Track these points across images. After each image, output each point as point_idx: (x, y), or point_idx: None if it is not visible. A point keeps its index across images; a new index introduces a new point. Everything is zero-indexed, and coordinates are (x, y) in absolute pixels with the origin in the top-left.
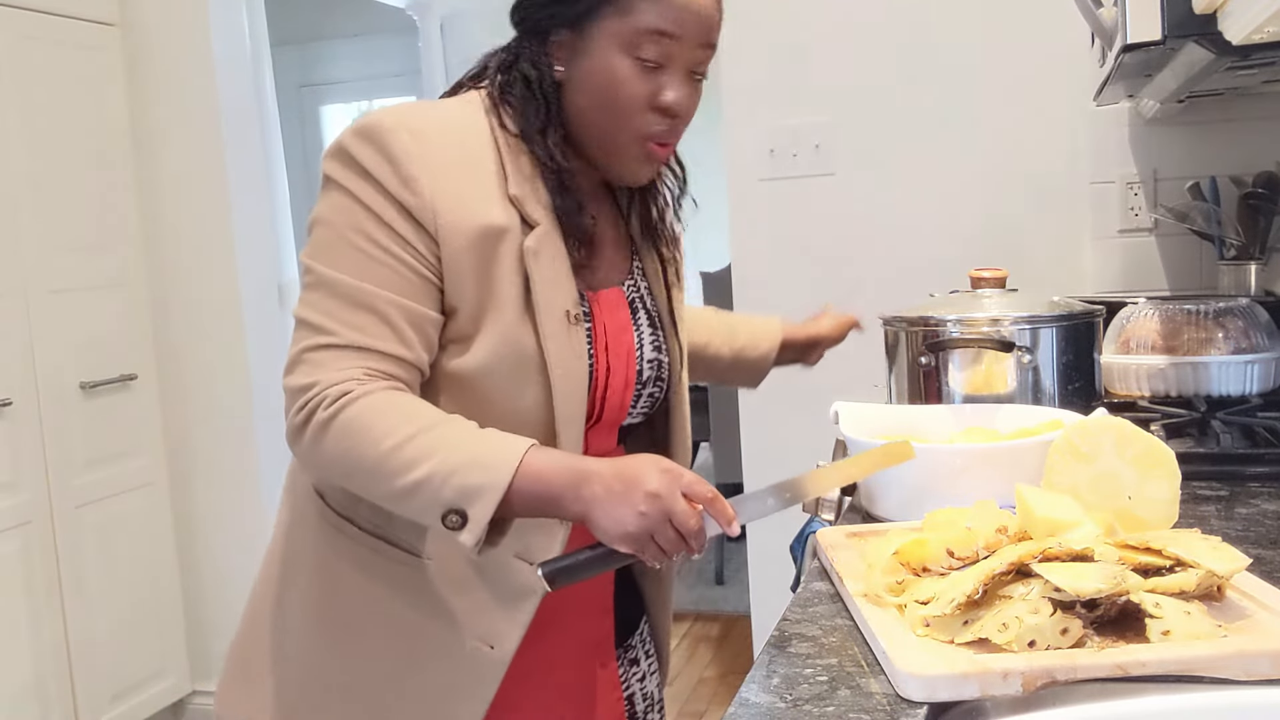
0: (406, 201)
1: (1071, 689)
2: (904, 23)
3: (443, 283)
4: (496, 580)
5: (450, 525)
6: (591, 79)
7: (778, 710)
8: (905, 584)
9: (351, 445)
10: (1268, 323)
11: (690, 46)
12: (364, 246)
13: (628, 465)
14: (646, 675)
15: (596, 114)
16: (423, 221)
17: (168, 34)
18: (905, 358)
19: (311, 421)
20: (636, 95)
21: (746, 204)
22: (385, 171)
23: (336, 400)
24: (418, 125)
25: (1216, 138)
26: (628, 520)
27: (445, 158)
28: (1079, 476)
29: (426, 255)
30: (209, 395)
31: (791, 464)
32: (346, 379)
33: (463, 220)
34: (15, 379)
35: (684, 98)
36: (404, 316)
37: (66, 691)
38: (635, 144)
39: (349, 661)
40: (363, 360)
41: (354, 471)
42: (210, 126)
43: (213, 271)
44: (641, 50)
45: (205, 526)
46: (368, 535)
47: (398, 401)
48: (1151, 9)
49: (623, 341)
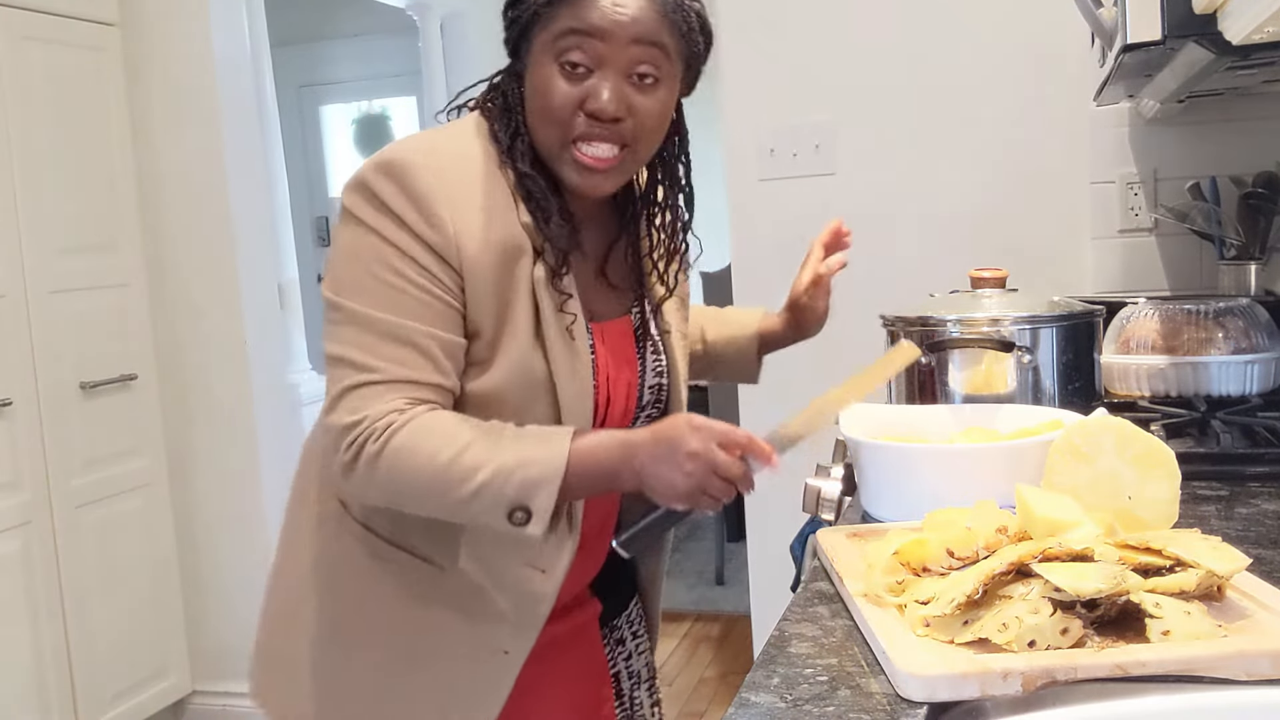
0: (430, 239)
1: (1071, 689)
2: (904, 23)
3: (466, 310)
4: (511, 588)
5: (516, 522)
6: (531, 89)
7: (778, 710)
8: (905, 584)
9: (406, 469)
10: (1268, 323)
11: (620, 45)
12: (394, 281)
13: (664, 431)
14: (633, 654)
15: (536, 122)
16: (447, 257)
17: (168, 34)
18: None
19: (362, 455)
20: (565, 100)
21: (746, 204)
22: (408, 209)
23: (384, 432)
24: (438, 162)
25: (1216, 138)
26: (677, 482)
27: (464, 193)
28: (1079, 476)
29: (452, 287)
30: (209, 395)
31: (791, 464)
32: (390, 410)
33: (483, 253)
34: (15, 379)
35: (615, 99)
36: (439, 346)
37: (66, 691)
38: (565, 149)
39: (368, 660)
40: (405, 391)
41: (411, 492)
42: (210, 126)
43: (213, 271)
44: (567, 54)
45: (205, 526)
46: (384, 543)
47: (441, 420)
48: (1151, 9)
49: (623, 377)
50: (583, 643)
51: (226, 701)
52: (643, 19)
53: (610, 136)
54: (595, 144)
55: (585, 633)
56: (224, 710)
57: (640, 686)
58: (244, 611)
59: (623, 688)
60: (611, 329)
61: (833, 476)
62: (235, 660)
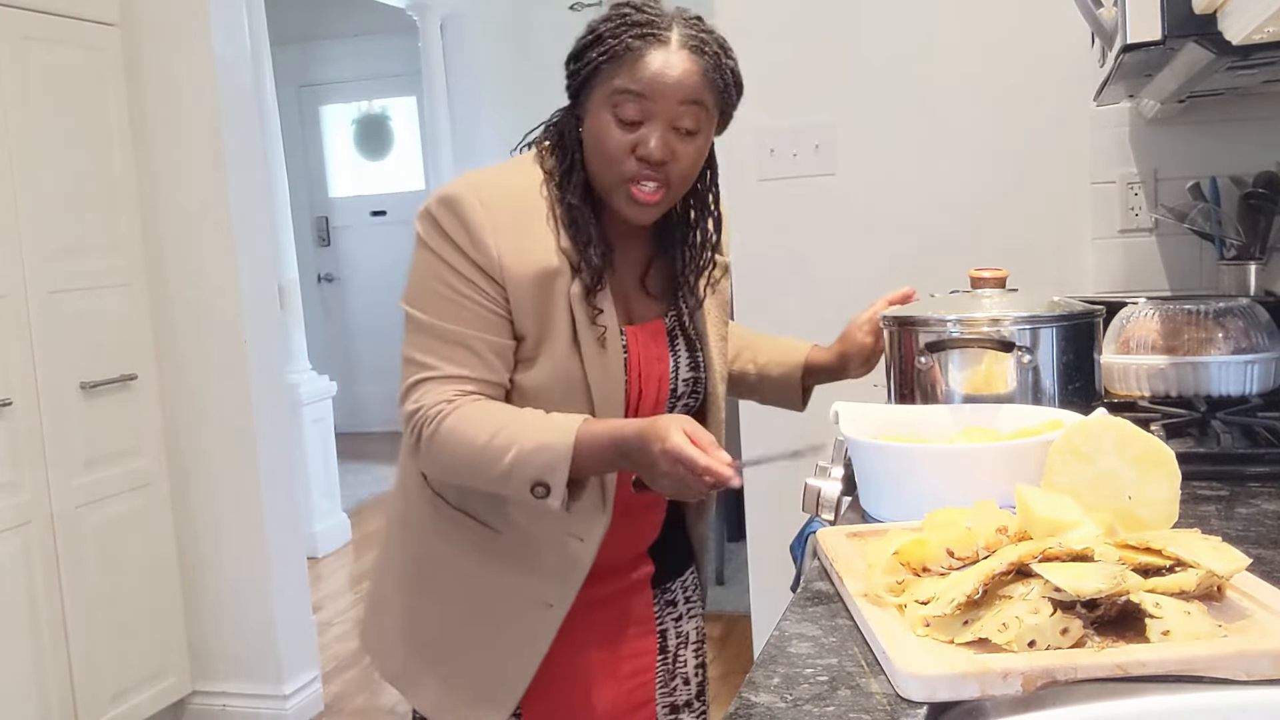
0: (479, 260)
1: (1071, 689)
2: (904, 23)
3: (512, 318)
4: (555, 551)
5: (538, 495)
6: (590, 133)
7: (778, 710)
8: (905, 584)
9: (453, 449)
10: (1268, 323)
11: (667, 104)
12: (450, 296)
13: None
14: (684, 616)
15: (594, 162)
16: (492, 274)
17: (168, 34)
18: (905, 358)
19: (421, 438)
20: (618, 145)
21: (746, 204)
22: (462, 236)
23: (435, 418)
24: (487, 196)
25: (1216, 138)
26: (662, 485)
27: (509, 222)
28: (1079, 476)
29: (499, 299)
30: (209, 395)
31: (791, 464)
32: (442, 400)
33: (524, 272)
34: (15, 379)
35: (660, 147)
36: (488, 348)
37: (66, 691)
38: (620, 186)
39: (442, 608)
40: (458, 385)
41: (460, 469)
42: (210, 127)
43: (213, 271)
44: (620, 109)
45: (205, 526)
46: (454, 509)
47: (481, 409)
48: (1151, 9)
49: (655, 370)
50: (632, 599)
51: (226, 701)
52: (688, 83)
53: (656, 177)
54: (644, 183)
55: (636, 591)
56: (224, 710)
57: (686, 647)
58: (244, 611)
59: (668, 644)
60: (646, 330)
61: (832, 476)
62: (235, 660)
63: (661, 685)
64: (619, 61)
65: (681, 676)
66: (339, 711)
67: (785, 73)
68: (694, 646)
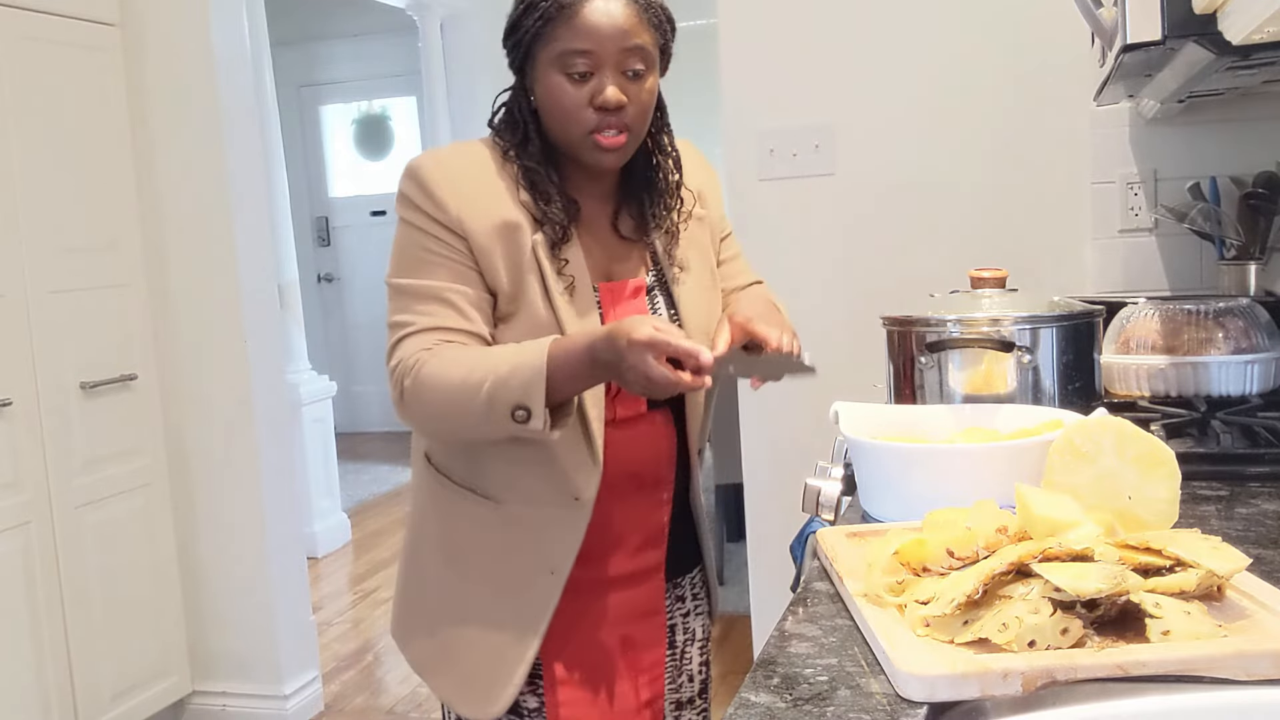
0: (439, 217)
1: (1071, 689)
2: (904, 23)
3: (482, 272)
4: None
5: (519, 419)
6: (544, 98)
7: (778, 710)
8: (905, 584)
9: (432, 393)
10: (1268, 323)
11: (611, 51)
12: (421, 255)
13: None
14: (691, 613)
15: (554, 123)
16: (454, 229)
17: (168, 34)
18: (905, 358)
19: (404, 391)
20: (575, 101)
21: (746, 204)
22: (422, 198)
23: (413, 368)
24: (442, 157)
25: (1216, 138)
26: (633, 386)
27: (464, 179)
28: (1079, 476)
29: (465, 252)
30: (209, 395)
31: (792, 464)
32: (420, 349)
33: (483, 225)
34: (15, 379)
35: (615, 93)
36: (464, 299)
37: (66, 691)
38: (585, 139)
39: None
40: (435, 336)
41: (444, 413)
42: (210, 127)
43: (213, 271)
44: (569, 67)
45: (205, 526)
46: (459, 486)
47: (456, 351)
48: (1151, 9)
49: None
50: (646, 587)
51: (226, 701)
52: (627, 26)
53: (616, 123)
54: (607, 130)
55: (650, 578)
56: (224, 710)
57: (693, 644)
58: (244, 611)
59: (676, 639)
60: (621, 287)
61: (832, 476)
62: (235, 660)
63: (670, 680)
64: (556, 22)
65: (687, 673)
66: (339, 711)
67: (785, 73)
68: (700, 644)
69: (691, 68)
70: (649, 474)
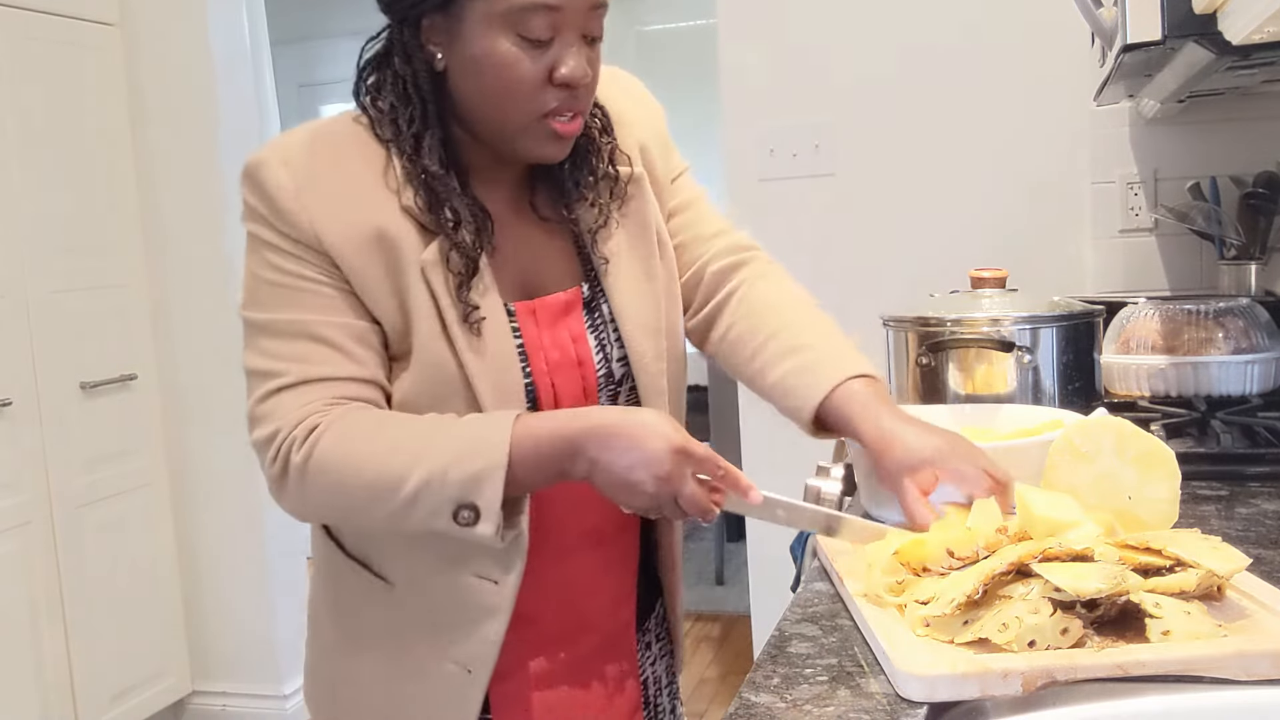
0: (289, 233)
1: (1071, 689)
2: (904, 23)
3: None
4: (461, 602)
5: (463, 522)
6: (475, 64)
7: (778, 710)
8: (905, 584)
9: (337, 478)
10: (1268, 323)
11: (578, 12)
12: (279, 280)
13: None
14: (656, 659)
15: (487, 101)
16: (313, 246)
17: (168, 34)
18: (905, 358)
19: (290, 469)
20: (529, 75)
21: (746, 204)
22: (266, 208)
23: (306, 439)
24: (293, 154)
25: (1216, 138)
26: (636, 495)
27: (321, 182)
28: (1079, 476)
29: (333, 272)
30: (209, 395)
31: (792, 464)
32: (308, 414)
33: (349, 238)
34: (15, 379)
35: (580, 66)
36: (345, 334)
37: (66, 691)
38: (537, 124)
39: (361, 668)
40: (319, 391)
41: (349, 504)
42: (210, 126)
43: (213, 272)
44: (524, 27)
45: (205, 526)
46: (347, 557)
47: (367, 419)
48: (1151, 9)
49: (570, 353)
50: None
51: (226, 701)
52: None
53: (578, 105)
54: (566, 114)
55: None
56: (223, 710)
57: (663, 693)
58: (244, 612)
59: (649, 694)
60: (548, 305)
61: (833, 476)
62: (235, 660)
63: None
64: None
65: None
66: None
67: (785, 73)
68: (669, 689)
69: (691, 68)
70: (609, 525)
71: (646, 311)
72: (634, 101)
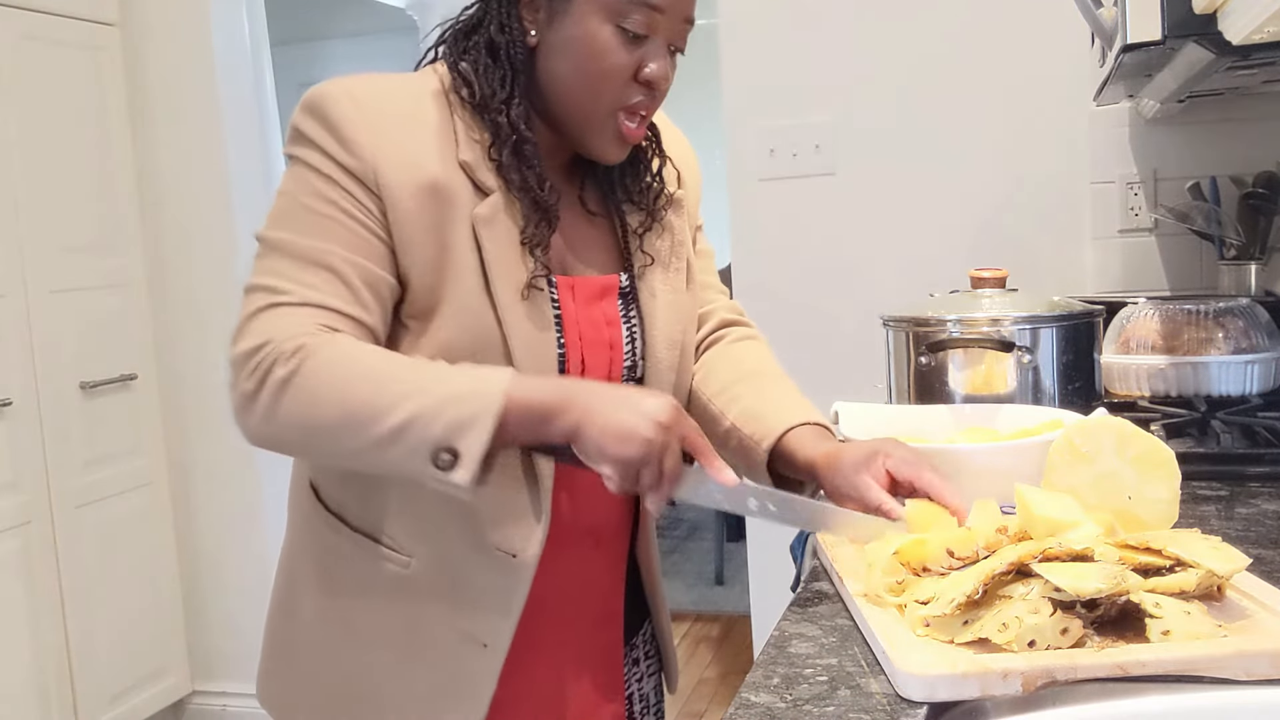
0: (348, 164)
1: (1071, 689)
2: (904, 23)
3: (395, 247)
4: (483, 576)
5: (441, 465)
6: (571, 45)
7: (778, 710)
8: (905, 584)
9: (318, 399)
10: (1268, 323)
11: (674, 19)
12: (316, 206)
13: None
14: (644, 676)
15: (574, 82)
16: (366, 182)
17: (168, 34)
18: (905, 358)
19: (268, 382)
20: (619, 65)
21: (746, 204)
22: (327, 138)
23: (293, 355)
24: (359, 91)
25: (1216, 138)
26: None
27: (387, 121)
28: (1079, 476)
29: (378, 215)
30: (209, 395)
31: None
32: (300, 332)
33: (406, 180)
34: (15, 379)
35: (664, 68)
36: (360, 276)
37: (66, 691)
38: (611, 116)
39: (355, 655)
40: (319, 316)
41: (321, 429)
42: (210, 127)
43: (213, 271)
44: (626, 20)
45: (205, 526)
46: (357, 534)
47: (364, 348)
48: (1151, 9)
49: (604, 335)
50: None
51: (226, 701)
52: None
53: (652, 106)
54: (637, 116)
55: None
56: (224, 710)
57: (649, 712)
58: (244, 611)
59: (634, 709)
60: (587, 284)
61: None
62: (235, 660)
63: None
64: None
65: None
66: None
67: (785, 73)
68: (655, 709)
69: (691, 68)
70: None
71: (672, 323)
72: (677, 141)
